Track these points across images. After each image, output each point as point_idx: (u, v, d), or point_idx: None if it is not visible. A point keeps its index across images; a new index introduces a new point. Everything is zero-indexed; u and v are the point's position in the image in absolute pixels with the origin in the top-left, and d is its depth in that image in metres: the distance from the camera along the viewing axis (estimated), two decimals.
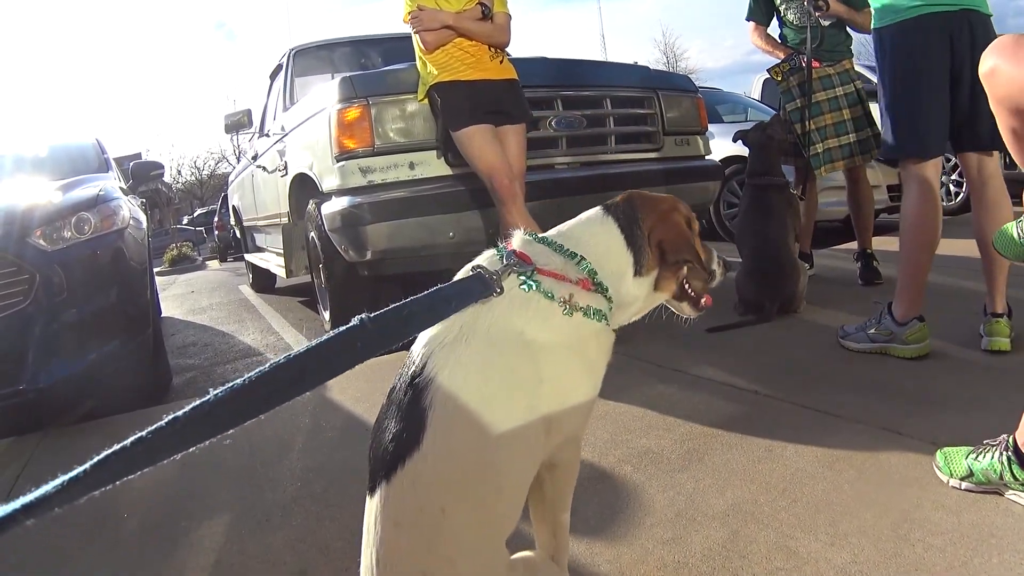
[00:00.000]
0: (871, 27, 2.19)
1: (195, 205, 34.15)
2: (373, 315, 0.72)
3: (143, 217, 3.41)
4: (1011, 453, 1.23)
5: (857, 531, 1.22)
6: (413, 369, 0.82)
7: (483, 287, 0.84)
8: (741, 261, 2.96)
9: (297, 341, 3.94)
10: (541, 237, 0.95)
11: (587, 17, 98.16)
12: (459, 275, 0.90)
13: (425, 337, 0.84)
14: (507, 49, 2.61)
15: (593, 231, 0.96)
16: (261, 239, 5.43)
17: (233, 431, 0.60)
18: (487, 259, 0.91)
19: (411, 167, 2.66)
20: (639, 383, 2.15)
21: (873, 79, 2.35)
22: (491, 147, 2.41)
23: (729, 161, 5.02)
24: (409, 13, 2.46)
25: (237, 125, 5.23)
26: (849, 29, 3.29)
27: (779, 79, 3.31)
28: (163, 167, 5.14)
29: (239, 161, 7.15)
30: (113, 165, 4.02)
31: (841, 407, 1.78)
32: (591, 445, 1.72)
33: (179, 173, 33.83)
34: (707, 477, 1.50)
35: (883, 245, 3.51)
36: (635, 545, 1.27)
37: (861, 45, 4.06)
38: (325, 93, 2.82)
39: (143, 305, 2.82)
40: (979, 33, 1.98)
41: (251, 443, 2.02)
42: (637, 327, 1.08)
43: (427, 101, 2.59)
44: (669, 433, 1.76)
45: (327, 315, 3.24)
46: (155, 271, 5.52)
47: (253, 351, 3.88)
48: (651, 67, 4.03)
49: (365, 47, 4.54)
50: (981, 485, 1.28)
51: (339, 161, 2.66)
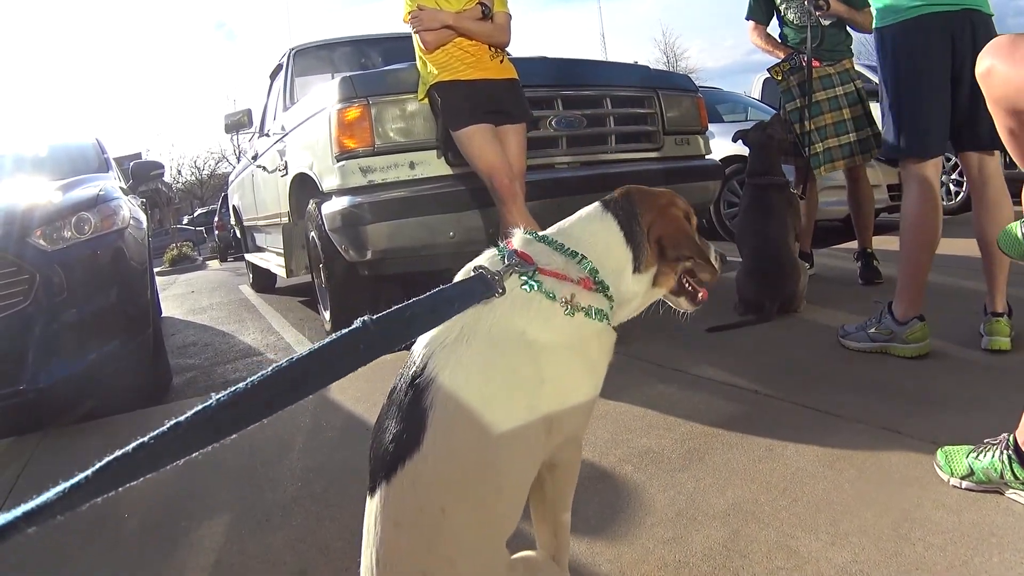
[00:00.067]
0: (872, 27, 2.20)
1: (195, 205, 34.13)
2: (375, 317, 0.72)
3: (143, 217, 3.41)
4: (1011, 452, 1.23)
5: (858, 530, 1.22)
6: (414, 369, 0.82)
7: (485, 288, 0.83)
8: (741, 261, 2.96)
9: (297, 341, 3.93)
10: (542, 236, 0.94)
11: (587, 17, 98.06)
12: (460, 275, 0.90)
13: (426, 338, 0.84)
14: (507, 49, 2.61)
15: (593, 229, 0.95)
16: (261, 239, 5.43)
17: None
18: (488, 259, 0.90)
19: (411, 167, 2.66)
20: (639, 383, 2.15)
21: (873, 79, 2.36)
22: (491, 147, 2.41)
23: (729, 161, 5.01)
24: (409, 13, 2.46)
25: (237, 125, 5.23)
26: (849, 29, 3.29)
27: (779, 78, 3.31)
28: (163, 167, 5.14)
29: (239, 161, 7.14)
30: (113, 165, 4.02)
31: (841, 407, 1.79)
32: (592, 445, 1.72)
33: (179, 173, 33.86)
34: (708, 476, 1.50)
35: (883, 244, 3.51)
36: (636, 544, 1.27)
37: (861, 45, 4.06)
38: (325, 93, 2.82)
39: (143, 305, 2.82)
40: (980, 33, 1.98)
41: (251, 443, 2.02)
42: (638, 327, 1.08)
43: (427, 101, 2.59)
44: (669, 433, 1.76)
45: (327, 315, 3.23)
46: (155, 271, 5.52)
47: (253, 351, 3.87)
48: (651, 67, 4.04)
49: (365, 47, 4.54)
50: (982, 484, 1.28)
51: (339, 161, 2.66)
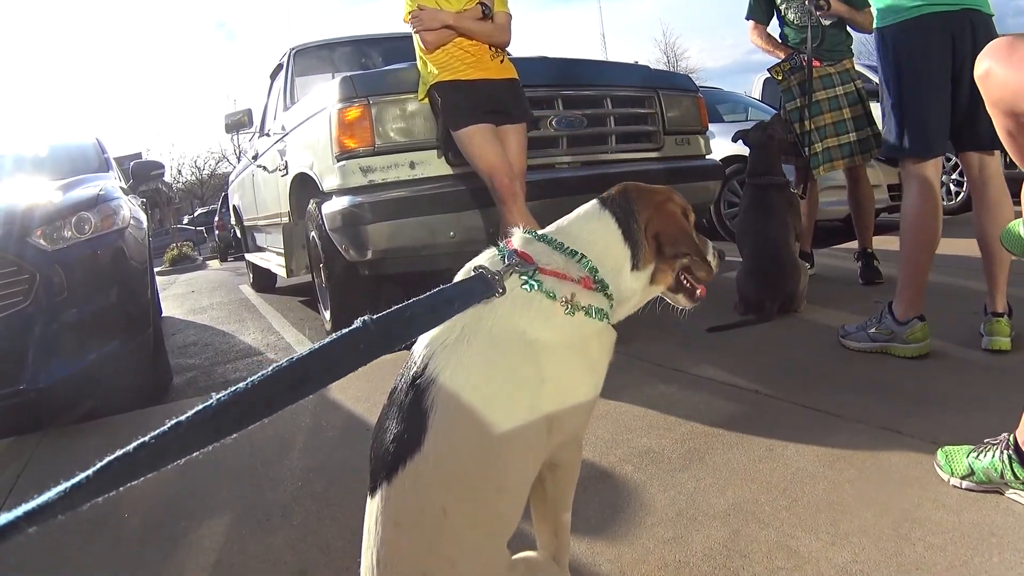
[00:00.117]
0: (872, 27, 2.20)
1: (195, 205, 34.12)
2: (376, 317, 0.72)
3: (143, 217, 3.41)
4: (1012, 452, 1.23)
5: (858, 530, 1.22)
6: (414, 370, 0.82)
7: (485, 287, 0.83)
8: (742, 260, 2.96)
9: (298, 341, 3.93)
10: (541, 235, 0.94)
11: (587, 17, 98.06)
12: (460, 275, 0.90)
13: (427, 338, 0.84)
14: (507, 49, 2.61)
15: (591, 227, 0.95)
16: (262, 239, 5.43)
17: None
18: (488, 259, 0.90)
19: (412, 166, 2.66)
20: (640, 383, 2.15)
21: (874, 79, 2.36)
22: (491, 146, 2.41)
23: (729, 160, 5.01)
24: (409, 13, 2.46)
25: (237, 125, 5.23)
26: (849, 29, 3.29)
27: (780, 78, 3.31)
28: (163, 167, 5.14)
29: (239, 161, 7.14)
30: (113, 165, 4.02)
31: (842, 407, 1.79)
32: (592, 445, 1.72)
33: (179, 173, 33.86)
34: (708, 476, 1.50)
35: (884, 244, 3.51)
36: (636, 544, 1.27)
37: (862, 44, 4.06)
38: (326, 93, 2.82)
39: (143, 305, 2.82)
40: (980, 33, 1.98)
41: (252, 442, 2.02)
42: (638, 327, 1.08)
43: (427, 101, 2.59)
44: (670, 432, 1.76)
45: (328, 315, 3.23)
46: (155, 271, 5.53)
47: (254, 351, 3.87)
48: (651, 66, 4.03)
49: (365, 47, 4.54)
50: (982, 484, 1.28)
51: (340, 160, 2.66)
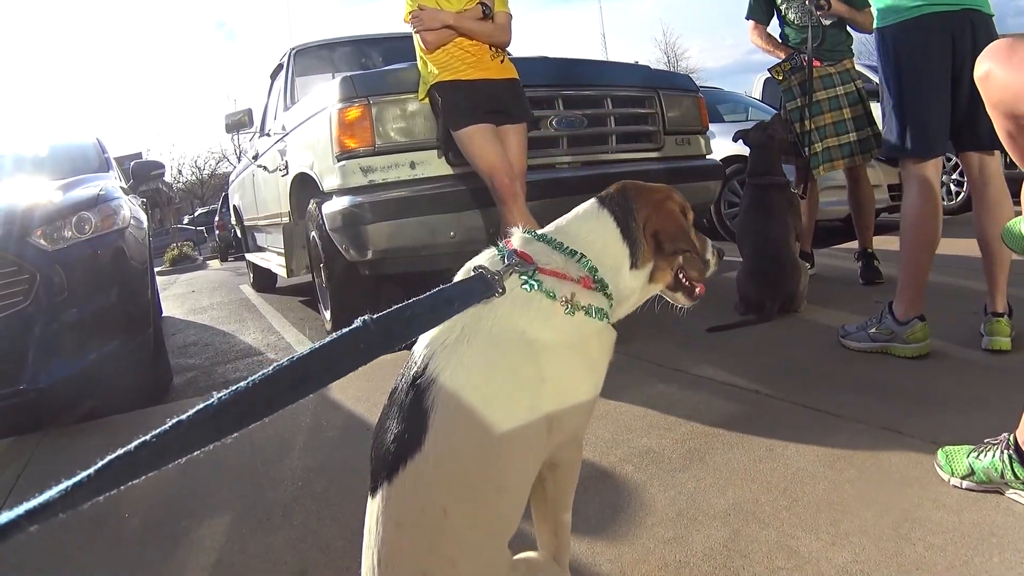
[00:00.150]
0: (872, 27, 2.20)
1: (196, 205, 34.13)
2: (376, 316, 0.72)
3: (144, 217, 3.41)
4: (1012, 451, 1.23)
5: (858, 530, 1.22)
6: (415, 370, 0.82)
7: (485, 287, 0.83)
8: (742, 260, 2.96)
9: (298, 340, 3.94)
10: (540, 235, 0.94)
11: (588, 17, 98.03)
12: (459, 275, 0.90)
13: (427, 338, 0.84)
14: (508, 48, 2.61)
15: (590, 226, 0.95)
16: (262, 239, 5.43)
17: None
18: (488, 259, 0.90)
19: (412, 166, 2.66)
20: (640, 383, 2.15)
21: (874, 79, 2.36)
22: (492, 146, 2.41)
23: (730, 160, 5.02)
24: (410, 13, 2.46)
25: (238, 124, 5.23)
26: (850, 29, 3.29)
27: (780, 78, 3.31)
28: (164, 166, 5.14)
29: (240, 161, 7.14)
30: (114, 165, 4.02)
31: (842, 407, 1.79)
32: (592, 445, 1.72)
33: (180, 173, 33.88)
34: (708, 476, 1.50)
35: (884, 244, 3.51)
36: (636, 544, 1.27)
37: (862, 45, 4.05)
38: (326, 92, 2.82)
39: (144, 305, 2.82)
40: (981, 33, 1.98)
41: (252, 442, 2.02)
42: (638, 327, 1.08)
43: (428, 100, 2.59)
44: (670, 432, 1.76)
45: (328, 314, 3.23)
46: (156, 270, 5.53)
47: (254, 351, 3.87)
48: (652, 66, 4.03)
49: (366, 47, 4.54)
50: (982, 484, 1.28)
51: (340, 160, 2.66)
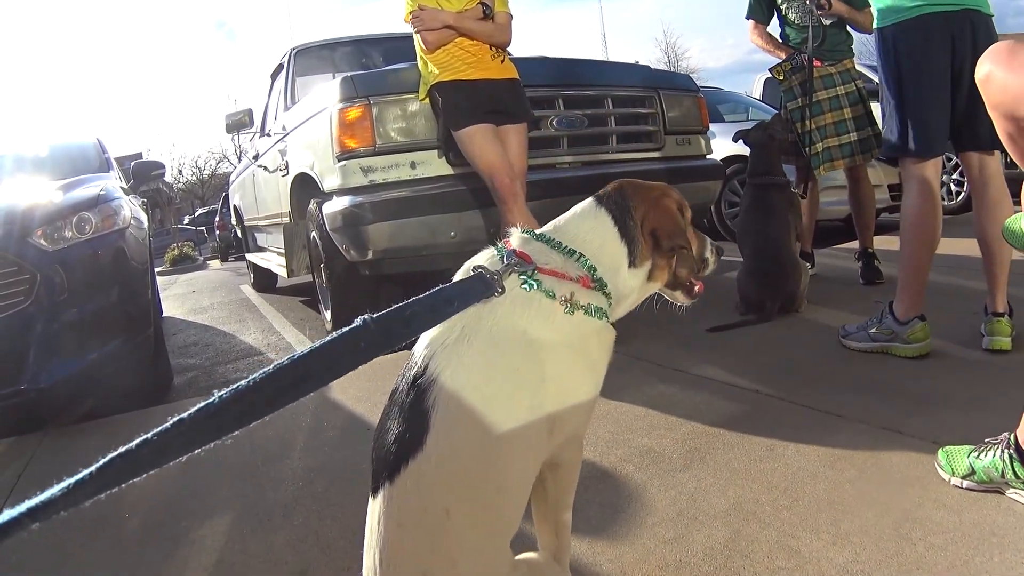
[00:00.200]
0: (872, 27, 2.20)
1: (196, 205, 34.15)
2: (376, 316, 0.72)
3: (144, 217, 3.41)
4: (1012, 451, 1.23)
5: (858, 530, 1.22)
6: (415, 370, 0.82)
7: (484, 287, 0.83)
8: (743, 260, 2.96)
9: (298, 340, 3.94)
10: (539, 234, 0.95)
11: (588, 16, 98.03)
12: (458, 275, 0.90)
13: (427, 338, 0.84)
14: (508, 48, 2.61)
15: (588, 225, 0.95)
16: (262, 239, 5.44)
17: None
18: (487, 259, 0.90)
19: (412, 166, 2.66)
20: (640, 383, 2.15)
21: (874, 79, 2.36)
22: (492, 146, 2.41)
23: (730, 160, 5.02)
24: (410, 13, 2.46)
25: (238, 125, 5.23)
26: (850, 29, 3.29)
27: (781, 78, 3.31)
28: (164, 167, 5.15)
29: (240, 161, 7.15)
30: (114, 165, 4.02)
31: (842, 406, 1.79)
32: (593, 444, 1.72)
33: (180, 173, 33.90)
34: (709, 476, 1.50)
35: (884, 244, 3.51)
36: (637, 544, 1.27)
37: (862, 45, 4.05)
38: (326, 92, 2.82)
39: (144, 305, 2.82)
40: (980, 33, 1.98)
41: (253, 442, 2.03)
42: (638, 326, 1.08)
43: (428, 100, 2.59)
44: (670, 432, 1.76)
45: (328, 315, 3.24)
46: (156, 271, 5.53)
47: (254, 351, 3.88)
48: (652, 66, 4.03)
49: (366, 47, 4.54)
50: (983, 484, 1.28)
51: (340, 160, 2.66)
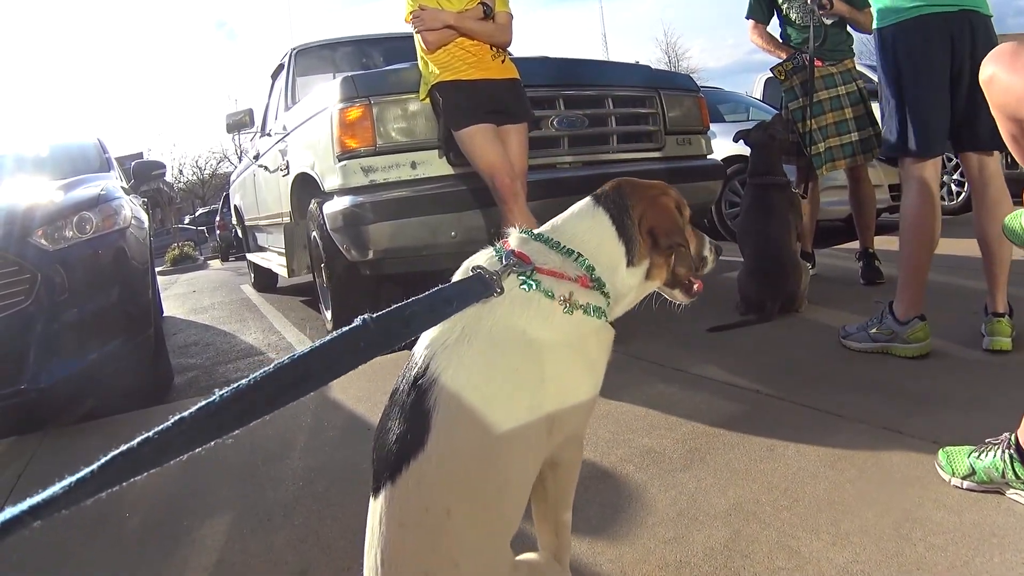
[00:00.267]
0: (872, 27, 2.20)
1: (197, 205, 34.14)
2: (375, 316, 0.72)
3: (145, 217, 3.41)
4: (1013, 451, 1.23)
5: (859, 530, 1.22)
6: (416, 371, 0.82)
7: (483, 288, 0.84)
8: (743, 260, 2.96)
9: (299, 340, 3.94)
10: (537, 234, 0.95)
11: (588, 16, 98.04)
12: (457, 275, 0.90)
13: (427, 338, 0.84)
14: (509, 48, 2.61)
15: (585, 225, 0.95)
16: (263, 238, 5.44)
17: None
18: (485, 259, 0.90)
19: (413, 166, 2.66)
20: (640, 382, 2.15)
21: (874, 79, 2.36)
22: (492, 146, 2.42)
23: (731, 160, 5.02)
24: (411, 13, 2.46)
25: (239, 125, 5.24)
26: (850, 28, 3.29)
27: (782, 78, 3.31)
28: (165, 167, 5.15)
29: (241, 160, 7.15)
30: (115, 165, 4.03)
31: (842, 407, 1.79)
32: (593, 444, 1.72)
33: (181, 173, 33.86)
34: (709, 476, 1.50)
35: (885, 244, 3.51)
36: (637, 544, 1.27)
37: (862, 45, 4.06)
38: (327, 92, 2.82)
39: (144, 304, 2.82)
40: (979, 34, 1.98)
41: (253, 441, 2.03)
42: (638, 326, 1.08)
43: (429, 100, 2.59)
44: (671, 432, 1.76)
45: (329, 314, 3.24)
46: (157, 270, 5.53)
47: (255, 351, 3.88)
48: (653, 66, 4.03)
49: (367, 47, 4.54)
50: (983, 484, 1.28)
51: (341, 160, 2.66)
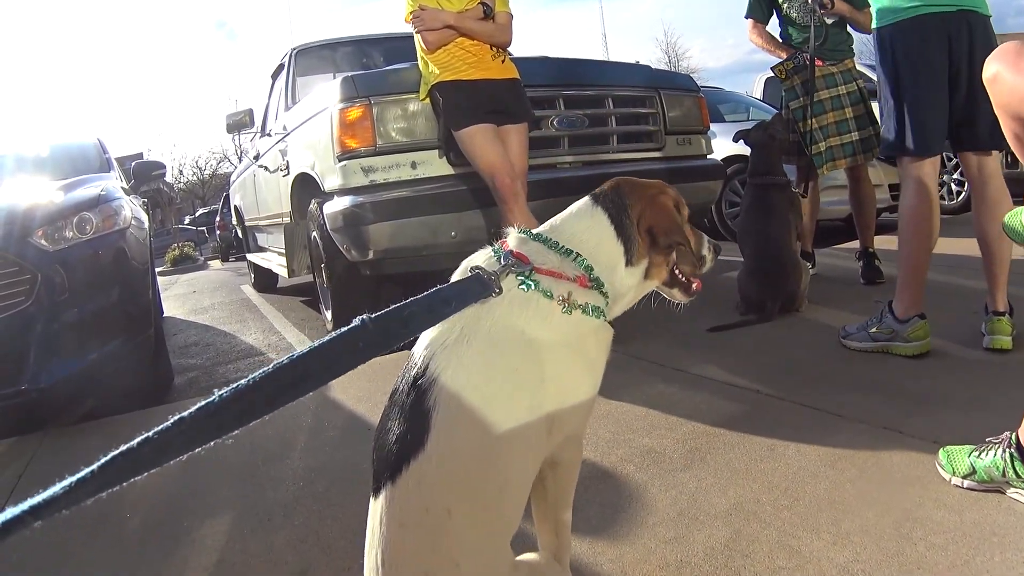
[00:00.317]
0: (871, 27, 2.20)
1: (197, 205, 34.15)
2: (374, 316, 0.72)
3: (145, 217, 3.41)
4: (1013, 450, 1.23)
5: (859, 530, 1.22)
6: (415, 371, 0.82)
7: (482, 288, 0.84)
8: (743, 260, 2.96)
9: (299, 341, 3.94)
10: (535, 234, 0.95)
11: (589, 16, 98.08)
12: (456, 275, 0.90)
13: (427, 338, 0.84)
14: (509, 48, 2.61)
15: (584, 225, 0.95)
16: (263, 239, 5.44)
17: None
18: (483, 259, 0.90)
19: (413, 166, 2.66)
20: (640, 382, 2.15)
21: (874, 78, 2.36)
22: (492, 146, 2.42)
23: (731, 160, 5.02)
24: (411, 13, 2.46)
25: (239, 125, 5.24)
26: (850, 28, 3.29)
27: (783, 77, 3.31)
28: (165, 167, 5.15)
29: (241, 161, 7.15)
30: (115, 165, 4.03)
31: (842, 406, 1.79)
32: (593, 444, 1.72)
33: (181, 173, 33.85)
34: (709, 476, 1.50)
35: (885, 244, 3.50)
36: (637, 544, 1.27)
37: (862, 44, 4.06)
38: (327, 92, 2.82)
39: (144, 305, 2.82)
40: (978, 34, 1.98)
41: (253, 441, 2.03)
42: (638, 326, 1.08)
43: (429, 100, 2.59)
44: (671, 432, 1.76)
45: (329, 315, 3.24)
46: (157, 271, 5.54)
47: (255, 351, 3.88)
48: (653, 66, 4.03)
49: (367, 47, 4.54)
50: (983, 483, 1.28)
51: (341, 160, 2.66)
